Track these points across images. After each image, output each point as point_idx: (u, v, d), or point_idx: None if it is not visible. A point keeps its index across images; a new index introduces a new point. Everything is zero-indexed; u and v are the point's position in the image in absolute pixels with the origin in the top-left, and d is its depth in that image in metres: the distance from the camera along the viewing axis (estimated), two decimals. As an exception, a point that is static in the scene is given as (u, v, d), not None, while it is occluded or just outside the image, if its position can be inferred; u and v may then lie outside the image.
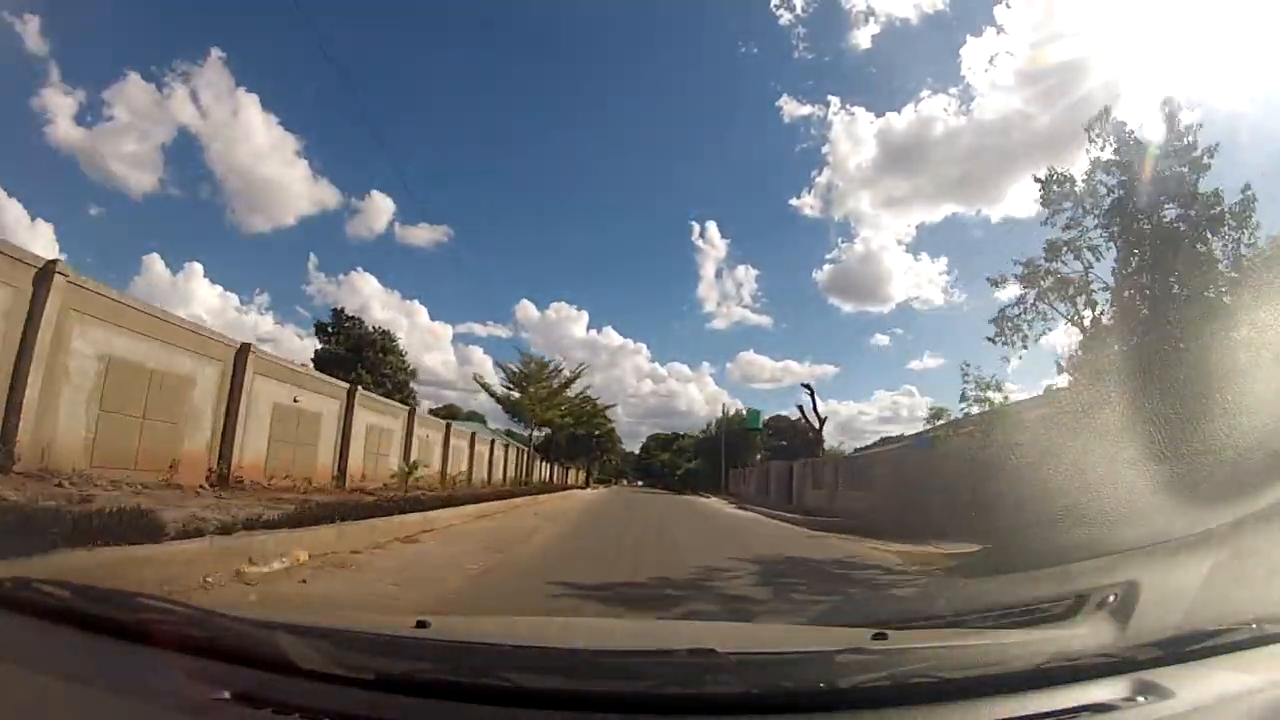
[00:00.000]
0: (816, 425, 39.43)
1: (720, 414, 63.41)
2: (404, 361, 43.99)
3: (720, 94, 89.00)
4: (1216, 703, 1.19)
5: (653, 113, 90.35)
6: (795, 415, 51.14)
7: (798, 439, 57.39)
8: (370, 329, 42.57)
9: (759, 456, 55.81)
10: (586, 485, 62.53)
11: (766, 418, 61.43)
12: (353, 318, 42.82)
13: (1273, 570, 4.29)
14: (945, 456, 14.86)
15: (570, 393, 42.51)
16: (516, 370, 40.49)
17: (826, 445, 48.39)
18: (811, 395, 40.82)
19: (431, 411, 58.67)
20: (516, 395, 39.42)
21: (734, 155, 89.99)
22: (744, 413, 61.57)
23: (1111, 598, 1.85)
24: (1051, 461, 7.97)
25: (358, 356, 40.23)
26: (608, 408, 56.25)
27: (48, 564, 3.64)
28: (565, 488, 41.76)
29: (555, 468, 61.02)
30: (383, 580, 6.28)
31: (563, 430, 48.47)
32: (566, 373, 41.63)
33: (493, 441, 35.42)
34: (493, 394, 40.27)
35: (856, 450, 36.87)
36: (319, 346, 41.51)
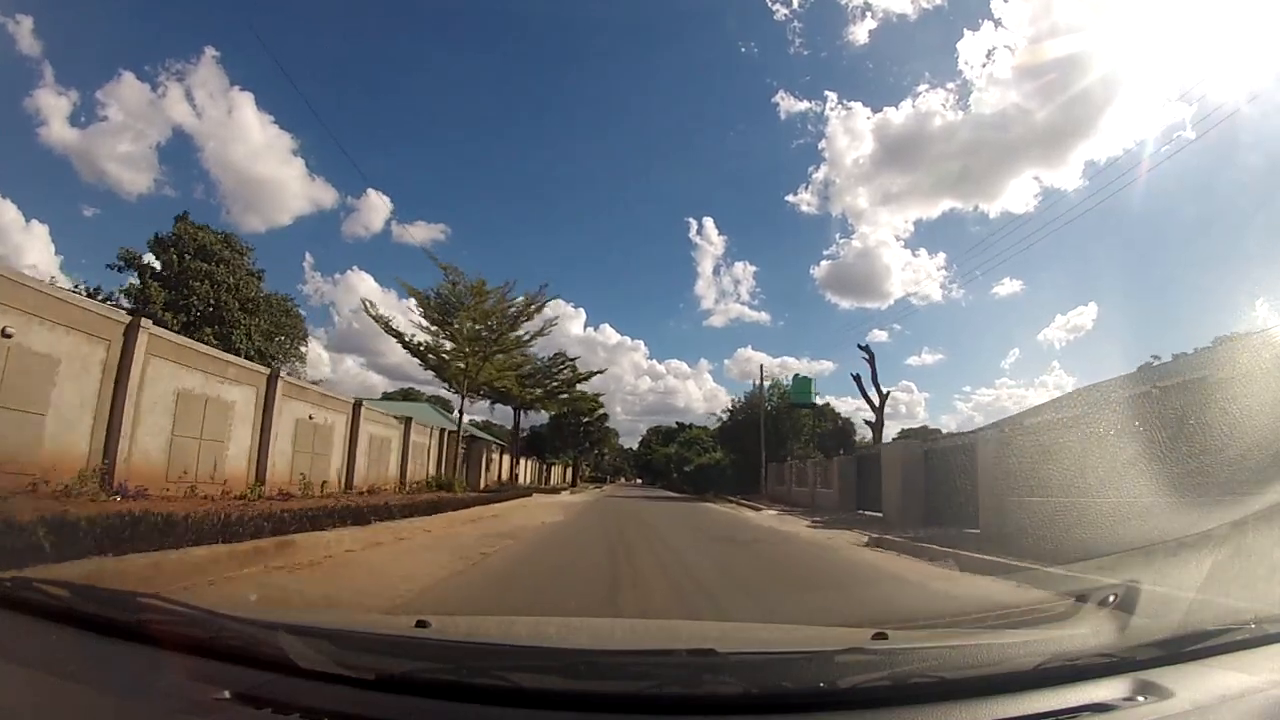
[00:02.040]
0: (876, 402, 27.54)
1: (755, 385, 41.17)
2: (244, 279, 28.83)
3: (717, 90, 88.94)
4: (1216, 702, 1.19)
5: (649, 109, 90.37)
6: (821, 399, 38.83)
7: (826, 425, 42.40)
8: (213, 234, 28.90)
9: (804, 444, 37.93)
10: (573, 485, 50.03)
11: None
12: (203, 227, 29.28)
13: (1272, 570, 4.30)
14: None
15: (526, 328, 27.82)
16: (435, 297, 25.17)
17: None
18: (871, 362, 27.80)
19: (385, 395, 49.71)
20: (436, 340, 25.31)
21: (731, 152, 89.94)
22: (784, 383, 40.68)
23: (1111, 598, 1.86)
24: None
25: (146, 269, 27.14)
26: (592, 374, 40.69)
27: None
28: (526, 493, 26.92)
29: (531, 464, 49.29)
30: None
31: (524, 400, 35.10)
32: (520, 300, 26.62)
33: (355, 406, 20.38)
34: (397, 336, 25.54)
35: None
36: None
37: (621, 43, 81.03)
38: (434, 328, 25.53)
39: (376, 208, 79.39)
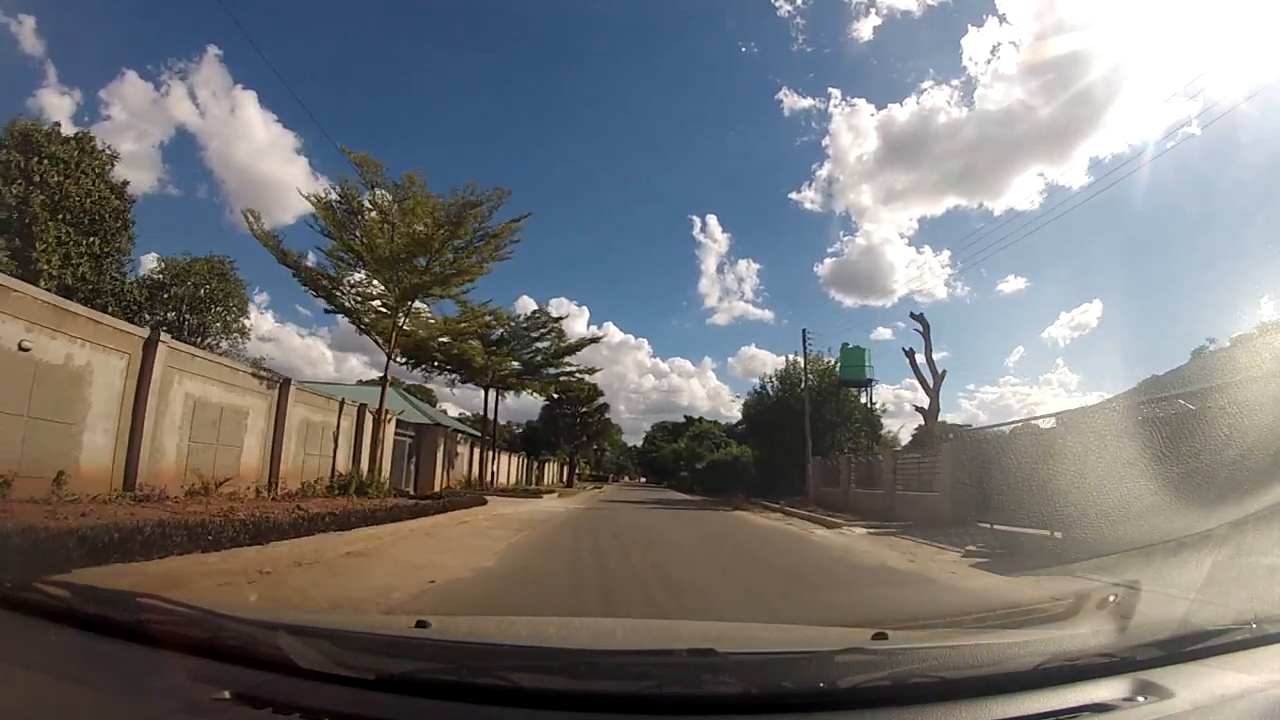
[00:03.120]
0: (931, 382, 21.79)
1: (792, 361, 31.93)
2: (87, 185, 20.78)
3: (719, 88, 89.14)
4: (1216, 703, 1.19)
5: (650, 108, 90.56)
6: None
7: (852, 413, 30.61)
8: (51, 131, 21.00)
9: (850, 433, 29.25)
10: (568, 485, 44.97)
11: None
12: (74, 140, 21.59)
13: (1272, 570, 4.30)
14: None
15: (477, 260, 18.37)
16: (342, 206, 16.95)
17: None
18: (925, 334, 22.24)
19: (361, 383, 35.42)
20: (339, 265, 17.01)
21: (733, 150, 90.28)
22: (830, 356, 31.37)
23: (1111, 598, 1.86)
24: None
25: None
26: (584, 344, 31.62)
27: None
28: (480, 500, 17.53)
29: (516, 460, 42.84)
30: None
31: (495, 375, 27.88)
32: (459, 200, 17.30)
33: (148, 344, 10.84)
34: (287, 261, 17.05)
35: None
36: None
37: (622, 42, 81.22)
38: (341, 251, 16.89)
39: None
